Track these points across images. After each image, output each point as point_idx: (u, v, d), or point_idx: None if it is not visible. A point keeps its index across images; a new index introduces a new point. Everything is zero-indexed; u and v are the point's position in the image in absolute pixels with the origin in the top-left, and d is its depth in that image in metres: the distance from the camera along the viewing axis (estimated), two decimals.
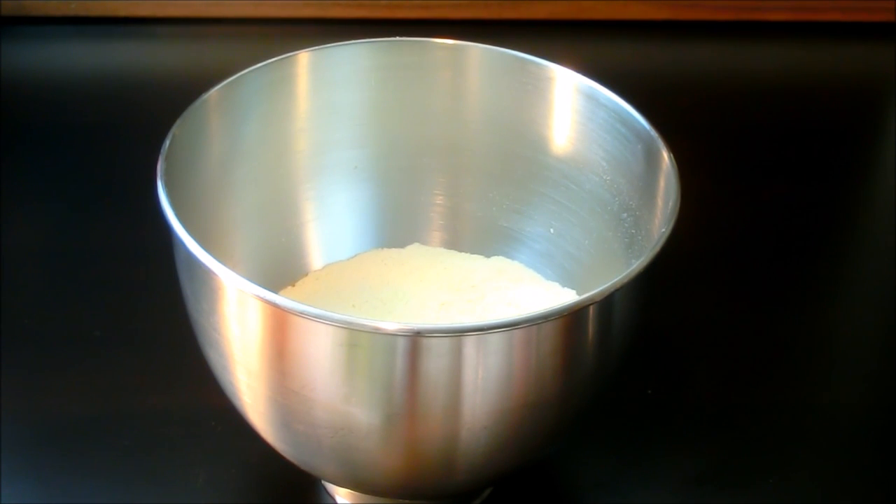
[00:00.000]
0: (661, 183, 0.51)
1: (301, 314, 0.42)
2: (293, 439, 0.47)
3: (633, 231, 0.53)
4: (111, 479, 0.55)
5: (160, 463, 0.56)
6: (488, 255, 0.59)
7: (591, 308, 0.44)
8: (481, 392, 0.44)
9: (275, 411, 0.46)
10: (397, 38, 0.57)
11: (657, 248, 0.46)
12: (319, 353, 0.43)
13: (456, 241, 0.60)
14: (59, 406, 0.58)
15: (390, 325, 0.43)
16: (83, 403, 0.58)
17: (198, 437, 0.57)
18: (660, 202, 0.51)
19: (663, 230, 0.46)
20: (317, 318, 0.42)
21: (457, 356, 0.43)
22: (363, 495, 0.53)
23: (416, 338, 0.42)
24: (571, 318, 0.44)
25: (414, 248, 0.60)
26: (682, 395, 0.61)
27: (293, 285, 0.58)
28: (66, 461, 0.56)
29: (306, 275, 0.58)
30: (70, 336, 0.62)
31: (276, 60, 0.55)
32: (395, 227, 0.60)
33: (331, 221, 0.59)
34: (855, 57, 0.91)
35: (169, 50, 0.87)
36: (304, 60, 0.56)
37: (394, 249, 0.60)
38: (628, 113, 0.53)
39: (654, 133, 0.51)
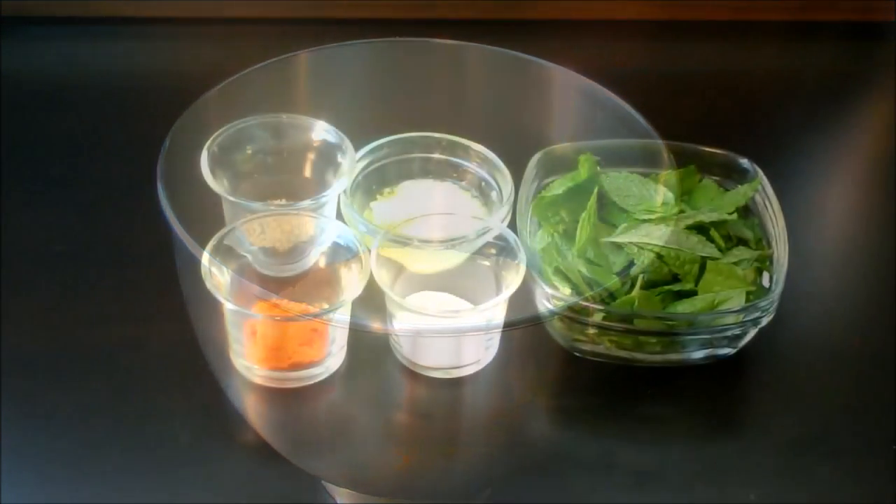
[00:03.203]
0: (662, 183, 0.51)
1: (301, 314, 0.42)
2: (293, 439, 0.47)
3: None
4: (111, 479, 0.55)
5: (161, 463, 0.56)
6: (488, 256, 0.59)
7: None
8: (481, 392, 0.44)
9: (275, 411, 0.46)
10: (397, 38, 0.57)
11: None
12: (319, 353, 0.43)
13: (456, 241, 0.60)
14: (60, 408, 0.58)
15: (390, 325, 0.43)
16: (84, 407, 0.58)
17: (200, 437, 0.57)
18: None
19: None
20: (317, 317, 0.42)
21: (457, 356, 0.43)
22: (363, 495, 0.53)
23: (416, 338, 0.42)
24: (571, 317, 0.44)
25: (414, 248, 0.60)
26: (681, 397, 0.61)
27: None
28: (66, 461, 0.56)
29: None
30: (70, 336, 0.62)
31: (276, 60, 0.55)
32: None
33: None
34: (855, 57, 0.91)
35: (169, 50, 0.87)
36: (304, 60, 0.56)
37: (393, 249, 0.59)
38: (628, 113, 0.53)
39: (654, 133, 0.51)
